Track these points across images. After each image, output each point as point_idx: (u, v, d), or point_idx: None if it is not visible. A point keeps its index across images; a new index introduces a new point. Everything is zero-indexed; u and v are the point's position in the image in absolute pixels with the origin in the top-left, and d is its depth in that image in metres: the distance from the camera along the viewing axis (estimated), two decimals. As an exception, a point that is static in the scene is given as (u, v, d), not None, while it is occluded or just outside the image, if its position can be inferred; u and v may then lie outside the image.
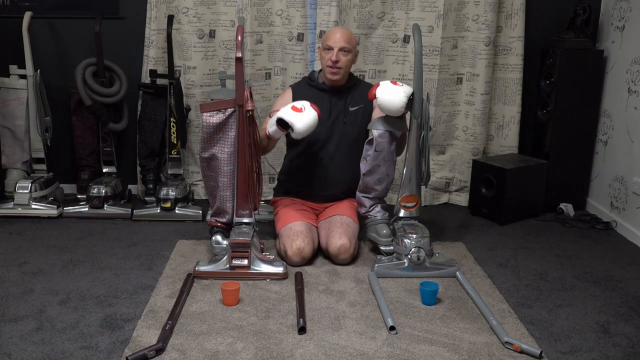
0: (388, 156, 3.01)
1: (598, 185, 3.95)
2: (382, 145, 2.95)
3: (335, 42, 3.05)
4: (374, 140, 2.95)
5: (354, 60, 3.15)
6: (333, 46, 3.05)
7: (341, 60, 3.05)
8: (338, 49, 3.04)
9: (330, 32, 3.14)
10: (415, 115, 2.93)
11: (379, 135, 2.94)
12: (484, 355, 2.23)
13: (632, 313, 2.61)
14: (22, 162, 3.88)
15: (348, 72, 3.18)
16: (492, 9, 3.79)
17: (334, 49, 3.04)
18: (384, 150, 2.97)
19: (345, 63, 3.08)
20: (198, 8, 3.79)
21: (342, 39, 3.05)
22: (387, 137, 2.95)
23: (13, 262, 3.00)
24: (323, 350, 2.24)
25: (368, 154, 3.00)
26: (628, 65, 3.61)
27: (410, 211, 3.07)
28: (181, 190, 3.71)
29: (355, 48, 3.13)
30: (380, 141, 2.94)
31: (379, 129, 2.94)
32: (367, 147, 3.01)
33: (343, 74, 3.12)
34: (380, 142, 2.95)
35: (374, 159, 2.99)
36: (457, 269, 2.92)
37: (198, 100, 3.90)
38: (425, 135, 2.96)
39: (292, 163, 3.28)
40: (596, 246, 3.40)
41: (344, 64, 3.07)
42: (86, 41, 3.84)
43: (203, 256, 3.09)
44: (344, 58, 3.06)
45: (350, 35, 3.11)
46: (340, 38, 3.05)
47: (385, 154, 2.99)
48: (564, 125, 3.85)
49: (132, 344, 2.26)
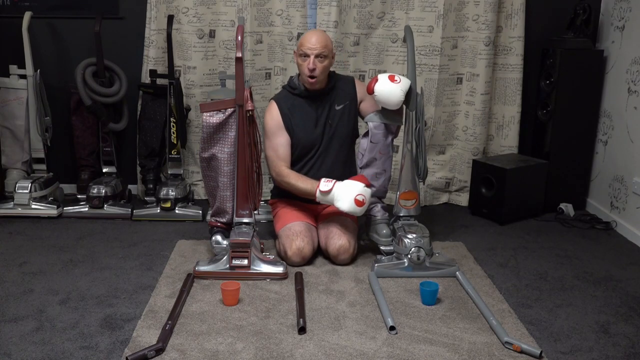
0: (384, 149, 3.03)
1: (598, 185, 3.95)
2: (377, 136, 2.99)
3: (311, 48, 2.94)
4: (370, 132, 3.00)
5: (331, 63, 3.07)
6: (309, 53, 2.95)
7: (317, 67, 2.95)
8: (314, 55, 2.94)
9: (305, 36, 3.02)
10: (411, 108, 2.99)
11: (374, 127, 3.00)
12: (484, 355, 2.23)
13: (632, 313, 2.61)
14: (22, 162, 3.89)
15: (326, 77, 3.10)
16: (492, 9, 3.79)
17: (310, 56, 2.95)
18: (380, 142, 3.00)
19: (322, 70, 2.98)
20: (198, 8, 3.79)
21: (318, 45, 2.95)
22: (383, 129, 3.00)
23: (13, 262, 3.00)
24: (323, 350, 2.24)
25: (364, 147, 3.04)
26: (628, 65, 3.61)
27: (409, 209, 3.07)
28: (181, 190, 3.71)
29: (331, 52, 3.03)
30: (376, 132, 2.99)
31: (375, 121, 3.01)
32: (363, 139, 3.05)
33: (321, 80, 3.05)
34: (376, 134, 2.99)
35: (370, 151, 3.03)
36: (457, 269, 2.92)
37: (198, 100, 3.90)
38: (421, 129, 2.99)
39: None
40: (596, 246, 3.40)
41: (320, 71, 2.97)
42: (86, 41, 3.83)
43: (203, 256, 3.09)
44: (321, 65, 2.96)
45: (326, 39, 3.00)
46: (316, 43, 2.95)
47: (381, 146, 3.02)
48: (564, 125, 3.85)
49: (132, 344, 2.26)
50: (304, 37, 3.03)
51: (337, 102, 3.14)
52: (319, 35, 3.01)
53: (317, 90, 3.09)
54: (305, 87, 3.09)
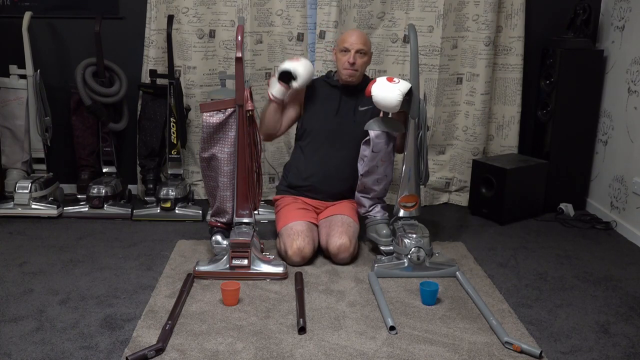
0: (385, 157, 3.02)
1: (598, 185, 3.95)
2: (379, 146, 2.96)
3: (352, 44, 3.10)
4: (371, 141, 2.96)
5: (369, 61, 3.21)
6: (350, 48, 3.10)
7: (357, 62, 3.11)
8: (355, 51, 3.09)
9: (346, 34, 3.19)
10: (413, 115, 2.94)
11: (375, 136, 2.95)
12: (484, 355, 2.23)
13: (632, 313, 2.61)
14: (22, 162, 3.89)
15: (363, 74, 3.23)
16: (492, 9, 3.79)
17: (351, 51, 3.09)
18: (381, 150, 2.98)
19: (362, 65, 3.14)
20: (198, 8, 3.79)
21: (359, 41, 3.11)
22: (384, 138, 2.97)
23: (13, 262, 3.00)
24: (323, 350, 2.24)
25: (365, 155, 3.02)
26: (628, 65, 3.61)
27: (409, 211, 3.07)
28: (181, 190, 3.71)
29: (370, 50, 3.19)
30: (377, 142, 2.96)
31: (376, 130, 2.96)
32: (363, 147, 3.03)
33: (359, 76, 3.18)
34: (377, 143, 2.96)
35: (371, 160, 3.00)
36: (457, 269, 2.92)
37: (198, 100, 3.90)
38: (423, 135, 2.98)
39: (299, 156, 3.28)
40: (596, 246, 3.40)
41: (360, 65, 3.13)
42: (86, 41, 3.83)
43: (203, 256, 3.09)
44: (360, 60, 3.12)
45: (366, 38, 3.18)
46: (357, 40, 3.11)
47: (383, 154, 3.00)
48: (564, 125, 3.85)
49: (132, 344, 2.26)
50: (346, 34, 3.20)
51: (362, 104, 3.20)
52: (359, 33, 3.20)
53: (349, 86, 3.20)
54: (339, 81, 3.22)
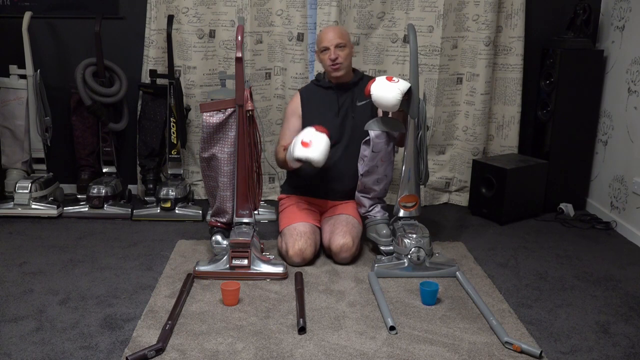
0: (385, 157, 3.02)
1: (598, 185, 3.95)
2: (379, 146, 2.96)
3: (330, 41, 3.11)
4: (371, 141, 2.96)
5: (352, 53, 3.20)
6: (329, 45, 3.11)
7: (339, 56, 3.10)
8: (334, 46, 3.09)
9: (321, 34, 3.20)
10: (412, 115, 2.94)
11: (375, 136, 2.95)
12: (484, 355, 2.23)
13: (632, 313, 2.61)
14: (22, 162, 3.88)
15: (350, 66, 3.21)
16: (492, 9, 3.79)
17: (330, 47, 3.10)
18: (381, 150, 2.98)
19: (344, 57, 3.12)
20: (198, 8, 3.79)
21: (335, 36, 3.11)
22: (384, 138, 2.96)
23: (13, 262, 3.00)
24: (323, 350, 2.24)
25: (365, 155, 3.01)
26: (628, 65, 3.61)
27: (409, 211, 3.07)
28: (181, 190, 3.71)
29: (349, 41, 3.19)
30: (377, 142, 2.95)
31: (375, 130, 2.95)
32: (363, 147, 3.03)
33: (345, 68, 3.16)
34: (377, 143, 2.96)
35: (371, 160, 3.00)
36: (457, 269, 2.92)
37: (198, 100, 3.90)
38: (423, 135, 2.97)
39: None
40: (596, 246, 3.40)
41: (343, 58, 3.12)
42: (86, 41, 3.84)
43: (203, 256, 3.09)
44: (342, 53, 3.11)
45: (341, 31, 3.18)
46: (333, 36, 3.11)
47: (383, 154, 3.00)
48: (564, 125, 3.85)
49: (132, 344, 2.26)
50: (321, 34, 3.21)
51: (359, 99, 3.19)
52: (334, 28, 3.23)
53: (342, 83, 3.19)
54: (330, 80, 3.20)
